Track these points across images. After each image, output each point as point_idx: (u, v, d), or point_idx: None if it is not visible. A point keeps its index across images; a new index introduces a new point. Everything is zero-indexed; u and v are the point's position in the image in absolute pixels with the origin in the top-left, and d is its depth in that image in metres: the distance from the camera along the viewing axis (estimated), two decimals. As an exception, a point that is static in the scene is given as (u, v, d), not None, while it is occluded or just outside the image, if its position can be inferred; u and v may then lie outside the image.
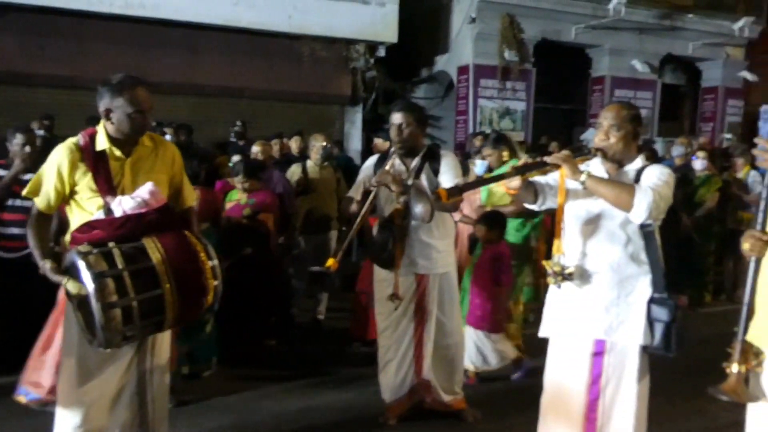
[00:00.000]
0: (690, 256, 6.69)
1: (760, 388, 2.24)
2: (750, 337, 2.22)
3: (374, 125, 11.81)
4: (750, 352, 2.22)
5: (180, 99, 9.90)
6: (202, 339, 4.25)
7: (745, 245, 2.22)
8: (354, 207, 3.54)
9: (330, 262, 3.17)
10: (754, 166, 7.03)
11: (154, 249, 2.31)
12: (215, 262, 2.47)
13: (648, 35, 12.60)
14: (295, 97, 10.96)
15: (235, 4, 9.92)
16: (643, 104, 12.62)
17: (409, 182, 3.52)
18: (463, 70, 11.74)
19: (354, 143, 11.50)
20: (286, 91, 10.76)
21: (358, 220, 3.37)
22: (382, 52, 11.35)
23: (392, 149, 3.66)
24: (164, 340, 2.73)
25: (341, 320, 5.53)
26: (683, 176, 7.01)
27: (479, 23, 11.29)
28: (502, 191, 4.56)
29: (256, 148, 5.69)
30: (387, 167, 3.55)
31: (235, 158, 5.93)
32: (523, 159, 3.33)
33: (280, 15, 10.23)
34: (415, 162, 3.64)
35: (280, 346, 5.18)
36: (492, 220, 4.48)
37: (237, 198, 4.74)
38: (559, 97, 13.33)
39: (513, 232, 4.77)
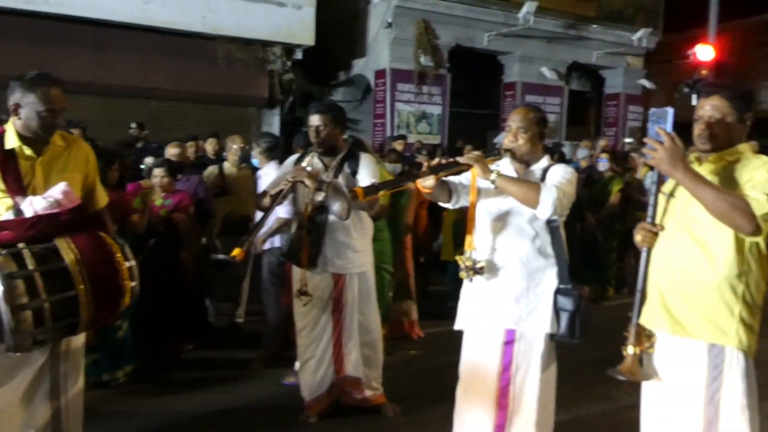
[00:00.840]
0: (594, 253, 7.08)
1: (653, 368, 2.44)
2: (643, 320, 2.41)
3: (292, 128, 11.77)
4: (643, 335, 2.41)
5: (87, 98, 9.55)
6: (114, 345, 4.12)
7: (638, 237, 2.42)
8: (266, 200, 3.56)
9: (236, 251, 3.13)
10: (652, 168, 7.52)
11: (67, 249, 2.25)
12: (132, 263, 2.43)
13: (555, 44, 13.21)
14: (209, 98, 10.80)
15: (146, 3, 9.68)
16: (552, 109, 13.22)
17: (325, 178, 3.59)
18: (380, 74, 11.91)
19: (272, 146, 11.42)
20: (199, 92, 10.59)
21: (269, 213, 3.41)
22: (299, 55, 11.35)
23: (311, 148, 3.72)
24: (78, 344, 2.65)
25: (261, 323, 5.50)
26: (588, 177, 7.44)
27: (395, 28, 11.49)
28: None
29: (173, 150, 5.57)
30: (304, 164, 3.60)
31: (148, 160, 5.80)
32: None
33: (193, 15, 10.06)
34: (334, 162, 3.71)
35: (197, 351, 5.10)
36: None
37: (152, 199, 4.64)
38: (474, 102, 13.74)
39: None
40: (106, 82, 9.75)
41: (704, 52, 11.81)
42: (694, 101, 2.26)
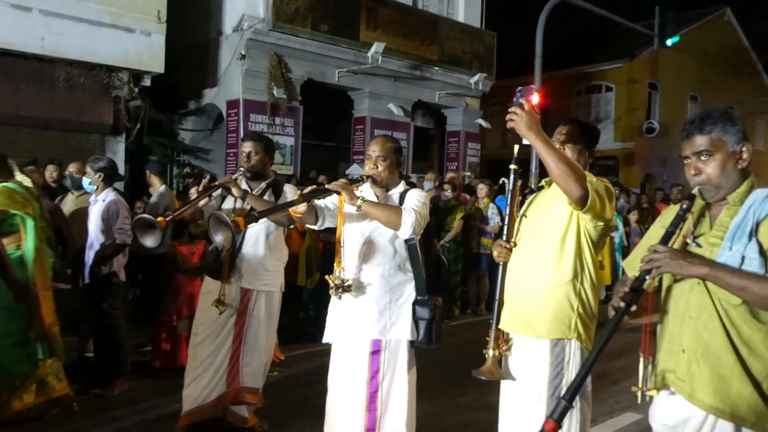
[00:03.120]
0: (440, 275, 7.62)
1: (509, 369, 2.79)
2: (501, 325, 2.77)
3: (138, 156, 11.38)
4: (502, 339, 2.77)
5: None
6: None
7: (495, 252, 2.80)
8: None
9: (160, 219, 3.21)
10: (492, 200, 8.35)
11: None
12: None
13: (402, 83, 14.01)
14: (47, 124, 10.16)
15: (-25, 21, 9.00)
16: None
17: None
18: (232, 104, 11.90)
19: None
20: (36, 117, 9.95)
21: (188, 207, 3.61)
22: (147, 82, 11.05)
23: (240, 171, 3.90)
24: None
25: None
26: (434, 206, 8.01)
27: (248, 60, 11.59)
28: None
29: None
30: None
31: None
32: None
33: (31, 36, 9.49)
34: (258, 187, 3.87)
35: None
36: None
37: None
38: (325, 135, 14.13)
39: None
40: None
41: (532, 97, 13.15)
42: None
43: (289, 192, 3.93)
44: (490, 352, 2.72)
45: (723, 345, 1.96)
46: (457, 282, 8.06)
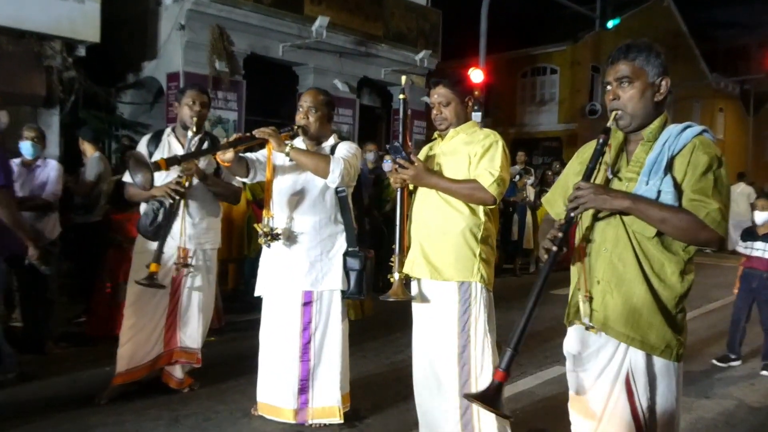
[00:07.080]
0: (381, 246, 7.63)
1: (415, 290, 2.89)
2: (407, 270, 2.86)
3: (74, 130, 10.97)
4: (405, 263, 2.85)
5: None
6: None
7: (392, 178, 2.90)
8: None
9: (153, 267, 3.32)
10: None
11: None
12: None
13: (347, 59, 13.91)
14: (-26, 94, 9.68)
15: None
16: (345, 120, 13.88)
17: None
18: (172, 77, 11.58)
19: (51, 148, 10.51)
20: (-39, 86, 9.45)
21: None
22: (82, 52, 10.62)
23: (167, 129, 3.86)
24: None
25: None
26: (376, 177, 8.01)
27: (189, 32, 11.29)
28: None
29: None
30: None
31: None
32: None
33: (-46, 0, 9.01)
34: (190, 136, 3.68)
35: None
36: None
37: None
38: (270, 110, 13.89)
39: None
40: None
41: (476, 76, 13.28)
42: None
43: None
44: (396, 276, 2.78)
45: (635, 275, 2.00)
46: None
